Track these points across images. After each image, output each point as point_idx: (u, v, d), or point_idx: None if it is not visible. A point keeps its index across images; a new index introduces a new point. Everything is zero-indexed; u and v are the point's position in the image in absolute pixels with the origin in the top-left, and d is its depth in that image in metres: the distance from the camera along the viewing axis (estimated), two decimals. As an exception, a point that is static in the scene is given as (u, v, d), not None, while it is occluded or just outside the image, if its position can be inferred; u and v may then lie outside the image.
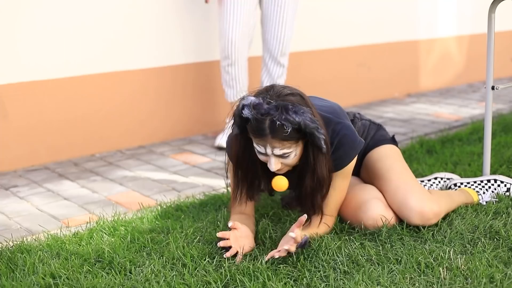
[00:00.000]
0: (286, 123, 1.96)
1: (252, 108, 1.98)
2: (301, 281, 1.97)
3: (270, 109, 1.97)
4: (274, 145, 2.02)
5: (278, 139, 2.00)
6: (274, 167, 2.07)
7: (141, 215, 2.59)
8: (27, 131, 3.47)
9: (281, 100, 1.99)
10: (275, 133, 1.99)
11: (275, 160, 2.06)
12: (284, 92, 2.03)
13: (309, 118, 1.99)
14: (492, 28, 2.69)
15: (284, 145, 2.02)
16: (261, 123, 1.98)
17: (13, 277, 2.04)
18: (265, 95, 2.01)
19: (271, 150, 2.04)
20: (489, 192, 2.63)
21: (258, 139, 2.04)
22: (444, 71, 5.71)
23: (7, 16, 3.33)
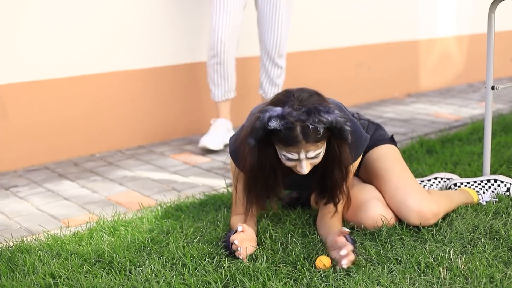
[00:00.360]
0: (319, 125, 1.96)
1: (281, 118, 1.96)
2: (301, 281, 1.97)
3: (300, 115, 1.96)
4: (308, 149, 2.01)
5: (312, 142, 2.00)
6: (306, 170, 2.06)
7: (141, 215, 2.59)
8: (27, 131, 3.47)
9: (305, 102, 2.00)
10: (308, 137, 1.98)
11: (307, 163, 2.06)
12: (304, 96, 2.03)
13: (338, 114, 2.00)
14: (492, 28, 2.69)
15: (318, 146, 2.02)
16: (293, 131, 1.97)
17: (13, 277, 2.04)
18: (289, 103, 2.00)
19: (304, 154, 2.03)
20: (489, 192, 2.63)
21: (291, 147, 2.01)
22: (444, 71, 5.71)
23: (7, 16, 3.33)
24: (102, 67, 3.70)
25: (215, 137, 3.62)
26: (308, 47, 4.65)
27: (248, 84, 4.25)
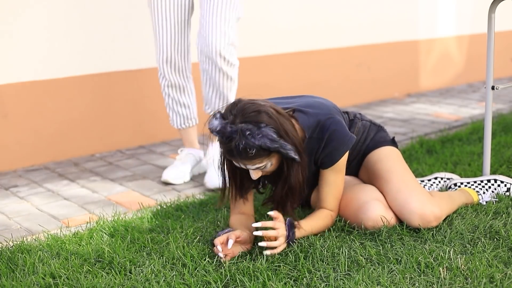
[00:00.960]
0: (248, 147, 1.98)
1: (217, 132, 2.01)
2: (301, 281, 1.97)
3: (232, 132, 1.98)
4: (246, 163, 2.06)
5: (246, 159, 2.03)
6: (254, 176, 2.12)
7: (141, 215, 2.59)
8: (27, 131, 3.47)
9: (244, 119, 1.99)
10: (242, 155, 2.01)
11: (254, 172, 2.10)
12: (248, 111, 2.02)
13: (268, 140, 1.99)
14: (492, 28, 2.69)
15: (255, 162, 2.05)
16: (227, 147, 2.01)
17: (13, 277, 2.04)
18: (229, 117, 2.02)
19: (244, 166, 2.07)
20: (489, 192, 2.63)
21: (231, 159, 2.07)
22: (444, 71, 5.71)
23: (7, 16, 3.33)
24: (102, 67, 3.70)
25: (177, 170, 3.13)
26: (308, 47, 4.65)
27: (248, 84, 4.26)
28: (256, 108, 2.02)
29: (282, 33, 4.46)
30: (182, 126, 3.20)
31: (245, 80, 4.26)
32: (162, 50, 3.01)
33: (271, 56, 4.44)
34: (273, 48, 4.44)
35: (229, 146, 2.00)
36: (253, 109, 2.02)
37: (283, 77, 4.50)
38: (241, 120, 2.00)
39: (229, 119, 2.01)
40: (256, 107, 2.03)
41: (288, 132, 2.06)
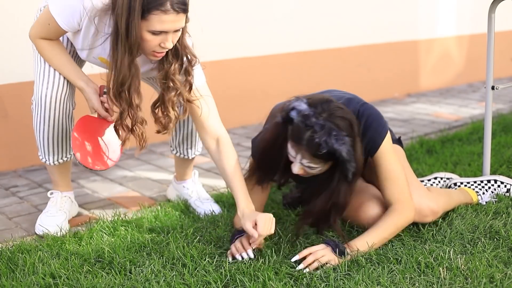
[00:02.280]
0: (323, 145, 1.97)
1: (300, 115, 1.99)
2: (301, 281, 1.97)
3: (315, 124, 1.97)
4: (304, 156, 2.03)
5: (310, 154, 2.01)
6: (296, 170, 2.09)
7: (141, 215, 2.59)
8: (27, 131, 3.47)
9: (330, 120, 1.99)
10: (309, 147, 1.99)
11: (299, 167, 2.08)
12: (336, 113, 2.02)
13: (346, 150, 1.99)
14: (492, 28, 2.69)
15: (314, 160, 2.03)
16: (301, 133, 1.99)
17: (13, 277, 2.04)
18: (318, 108, 2.01)
19: (299, 158, 2.05)
20: (489, 192, 2.63)
21: (293, 144, 2.04)
22: (444, 71, 5.71)
23: (7, 16, 3.33)
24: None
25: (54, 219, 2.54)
26: (308, 47, 4.65)
27: (248, 84, 4.26)
28: (344, 115, 2.03)
29: (282, 33, 4.46)
30: (55, 163, 2.58)
31: (245, 80, 4.27)
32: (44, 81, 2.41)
33: (271, 56, 4.44)
34: (273, 48, 4.44)
35: (304, 133, 1.98)
36: (341, 115, 2.02)
37: (283, 77, 4.50)
38: (328, 119, 1.99)
39: (317, 110, 2.00)
40: (344, 114, 2.03)
41: (357, 151, 2.06)
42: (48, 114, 2.37)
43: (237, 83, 4.25)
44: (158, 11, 2.05)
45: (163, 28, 2.09)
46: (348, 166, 2.03)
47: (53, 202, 2.62)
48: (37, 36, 2.34)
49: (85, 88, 2.34)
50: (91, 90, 2.35)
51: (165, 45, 2.13)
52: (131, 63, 2.17)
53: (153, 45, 2.13)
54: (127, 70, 2.18)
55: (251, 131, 4.17)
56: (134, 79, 2.21)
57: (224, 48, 4.14)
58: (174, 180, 2.87)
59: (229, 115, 4.29)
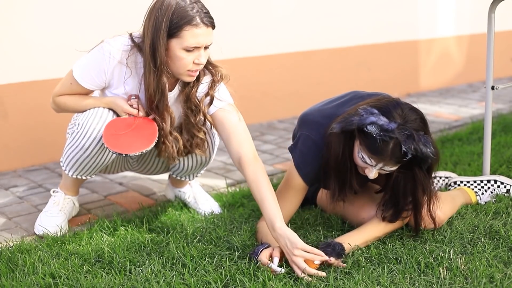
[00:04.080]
0: (411, 152, 1.98)
1: (382, 129, 1.99)
2: (301, 281, 1.97)
3: (400, 134, 1.98)
4: (387, 165, 2.04)
5: (394, 161, 2.02)
6: (373, 176, 2.09)
7: (141, 215, 2.59)
8: (27, 131, 3.47)
9: (409, 125, 2.00)
10: (394, 157, 2.00)
11: (375, 171, 2.08)
12: (411, 117, 2.03)
13: (432, 150, 2.01)
14: (492, 28, 2.69)
15: (393, 165, 2.04)
16: (386, 146, 1.99)
17: (13, 277, 2.04)
18: (395, 118, 2.01)
19: (380, 166, 2.05)
20: (488, 192, 2.63)
21: (374, 157, 2.03)
22: (444, 71, 5.71)
23: (7, 16, 3.33)
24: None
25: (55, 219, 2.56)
26: (308, 47, 4.65)
27: (248, 84, 4.26)
28: (416, 115, 2.04)
29: (282, 33, 4.46)
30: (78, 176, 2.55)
31: (245, 80, 4.26)
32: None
33: (271, 56, 4.44)
34: (273, 48, 4.44)
35: (388, 145, 1.98)
36: (414, 116, 2.03)
37: (283, 77, 4.50)
38: (407, 125, 1.99)
39: (394, 119, 2.00)
40: (415, 113, 2.04)
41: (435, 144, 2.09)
42: (90, 143, 2.34)
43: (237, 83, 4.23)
44: (189, 25, 2.14)
45: (197, 43, 2.16)
46: (430, 160, 2.05)
47: (55, 202, 2.61)
48: (57, 95, 2.41)
49: (112, 98, 2.37)
50: (118, 97, 2.37)
51: (200, 60, 2.20)
52: (159, 81, 2.23)
53: (188, 62, 2.19)
54: (156, 87, 2.24)
55: (251, 131, 4.16)
56: (162, 97, 2.27)
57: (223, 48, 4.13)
58: (169, 184, 2.86)
59: (229, 115, 4.28)
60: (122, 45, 2.26)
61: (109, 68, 2.28)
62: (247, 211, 2.60)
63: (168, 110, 2.32)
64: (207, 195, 2.77)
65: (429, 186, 2.16)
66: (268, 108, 4.44)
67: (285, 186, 2.31)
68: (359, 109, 2.05)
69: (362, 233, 2.21)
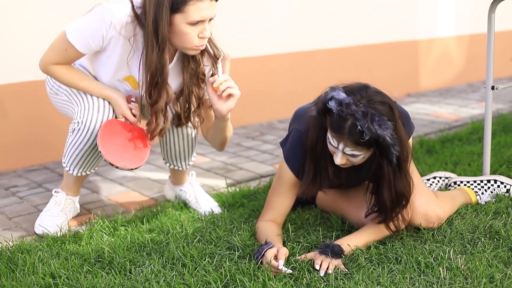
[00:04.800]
0: (367, 131, 1.95)
1: (339, 104, 1.98)
2: (301, 281, 1.97)
3: (356, 112, 1.96)
4: (347, 145, 2.02)
5: (352, 142, 2.00)
6: (339, 161, 2.07)
7: (141, 215, 2.59)
8: (27, 131, 3.47)
9: (370, 106, 1.98)
10: (352, 136, 1.98)
11: (342, 156, 2.06)
12: (375, 99, 2.01)
13: (390, 134, 1.97)
14: (492, 28, 2.69)
15: (357, 148, 2.02)
16: (343, 122, 1.98)
17: (13, 277, 2.04)
18: (356, 96, 2.01)
19: (342, 147, 2.03)
20: (488, 192, 2.63)
21: (334, 134, 2.03)
22: (444, 71, 5.71)
23: (7, 16, 3.33)
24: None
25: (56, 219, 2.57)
26: (308, 47, 4.65)
27: (248, 84, 4.26)
28: (383, 99, 2.03)
29: (282, 33, 4.46)
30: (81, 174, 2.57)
31: (245, 80, 4.26)
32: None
33: (271, 56, 4.44)
34: (273, 48, 4.44)
35: (345, 122, 1.97)
36: (381, 99, 2.02)
37: (283, 77, 4.50)
38: (368, 105, 1.98)
39: (356, 97, 2.00)
40: (383, 98, 2.03)
41: (401, 134, 2.04)
42: (91, 139, 2.36)
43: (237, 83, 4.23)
44: (194, 0, 2.13)
45: (202, 16, 2.16)
46: (392, 150, 2.00)
47: (56, 202, 2.61)
48: (50, 62, 2.39)
49: (113, 95, 2.37)
50: (119, 96, 2.37)
51: (204, 34, 2.21)
52: (161, 57, 2.23)
53: (193, 37, 2.20)
54: (158, 63, 2.23)
55: (251, 131, 4.18)
56: (162, 74, 2.26)
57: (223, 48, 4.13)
58: (170, 183, 2.86)
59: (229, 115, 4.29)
60: (124, 16, 2.23)
61: (107, 36, 2.25)
62: (247, 211, 2.60)
63: (165, 86, 2.31)
64: (207, 195, 2.78)
65: (400, 186, 2.10)
66: (268, 108, 4.44)
67: (277, 181, 2.31)
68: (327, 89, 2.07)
69: (362, 235, 2.20)
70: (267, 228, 2.25)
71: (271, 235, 2.18)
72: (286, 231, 2.36)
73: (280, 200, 2.29)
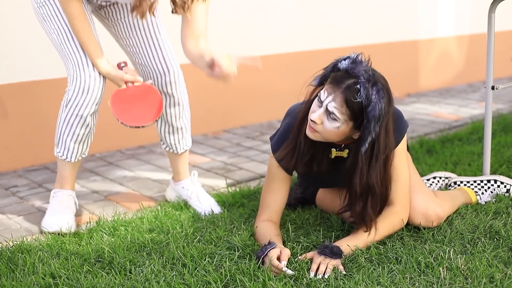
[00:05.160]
0: (362, 93, 1.98)
1: (352, 62, 2.06)
2: (301, 281, 1.97)
3: (363, 74, 2.02)
4: (335, 99, 2.03)
5: (343, 98, 2.02)
6: (315, 116, 2.08)
7: (141, 215, 2.59)
8: (27, 131, 3.47)
9: (377, 79, 2.04)
10: (347, 91, 2.01)
11: (321, 112, 2.07)
12: (381, 81, 2.06)
13: (381, 106, 2.00)
14: (492, 28, 2.69)
15: (342, 108, 2.02)
16: (346, 77, 2.03)
17: (13, 277, 2.04)
18: (363, 65, 2.07)
19: (329, 100, 2.04)
20: (488, 192, 2.63)
21: (330, 86, 2.06)
22: (444, 71, 5.71)
23: (6, 16, 3.33)
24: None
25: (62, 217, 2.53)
26: (308, 47, 4.65)
27: (248, 84, 4.26)
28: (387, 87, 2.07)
29: (282, 33, 4.46)
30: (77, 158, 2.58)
31: (245, 80, 4.26)
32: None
33: (271, 56, 4.44)
34: (273, 48, 4.44)
35: (348, 78, 2.03)
36: (385, 84, 2.06)
37: (283, 77, 4.50)
38: (376, 77, 2.04)
39: (369, 67, 2.07)
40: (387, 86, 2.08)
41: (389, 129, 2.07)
42: (84, 104, 2.45)
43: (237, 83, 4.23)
44: None
45: None
46: (371, 128, 2.00)
47: (58, 201, 2.57)
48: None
49: (111, 71, 2.52)
50: (113, 69, 2.52)
51: None
52: None
53: None
54: None
55: (251, 131, 4.18)
56: None
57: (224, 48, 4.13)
58: (172, 182, 2.86)
59: (229, 115, 4.30)
60: None
61: None
62: (247, 211, 2.60)
63: None
64: (207, 195, 2.78)
65: (372, 178, 2.08)
66: (268, 108, 4.44)
67: (267, 177, 2.32)
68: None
69: (361, 237, 2.18)
70: (266, 228, 2.25)
71: (271, 236, 2.18)
72: (286, 231, 2.36)
73: (273, 198, 2.30)
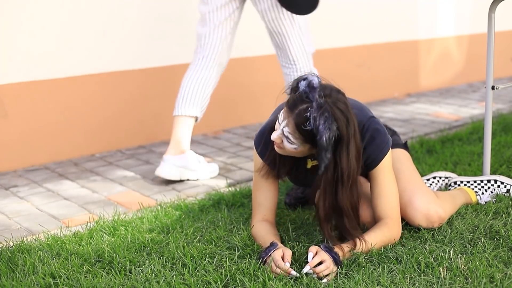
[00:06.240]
0: (311, 121, 1.95)
1: (308, 86, 2.00)
2: (301, 281, 1.97)
3: (315, 100, 1.97)
4: (289, 125, 2.02)
5: (294, 124, 2.00)
6: (275, 137, 2.08)
7: (141, 215, 2.59)
8: (27, 131, 3.47)
9: (330, 105, 1.97)
10: (297, 118, 1.99)
11: (279, 134, 2.07)
12: (339, 106, 2.00)
13: (327, 137, 1.95)
14: (492, 28, 2.69)
15: (295, 134, 2.02)
16: (299, 102, 1.99)
17: (13, 277, 2.04)
18: (326, 91, 2.01)
19: (283, 125, 2.04)
20: (488, 192, 2.63)
21: (286, 110, 2.04)
22: (444, 71, 5.71)
23: (6, 16, 3.33)
24: (102, 67, 3.70)
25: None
26: (308, 47, 4.65)
27: (248, 84, 4.26)
28: (345, 112, 2.01)
29: (282, 33, 4.45)
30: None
31: (245, 80, 4.27)
32: None
33: (272, 56, 4.44)
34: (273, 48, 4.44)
35: (301, 103, 1.98)
36: (343, 109, 2.00)
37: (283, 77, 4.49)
38: (329, 104, 1.98)
39: (325, 91, 2.00)
40: (346, 111, 2.01)
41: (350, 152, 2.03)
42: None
43: (237, 83, 4.24)
44: None
45: None
46: (323, 155, 1.98)
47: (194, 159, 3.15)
48: None
49: None
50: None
51: None
52: None
53: None
54: None
55: (251, 131, 4.17)
56: None
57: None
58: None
59: (229, 115, 4.30)
60: None
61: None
62: (247, 211, 2.60)
63: None
64: None
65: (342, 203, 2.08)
66: (268, 108, 4.44)
67: (255, 174, 2.32)
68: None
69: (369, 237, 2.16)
70: (263, 229, 2.24)
71: (269, 236, 2.18)
72: (286, 230, 2.36)
73: (263, 195, 2.29)
